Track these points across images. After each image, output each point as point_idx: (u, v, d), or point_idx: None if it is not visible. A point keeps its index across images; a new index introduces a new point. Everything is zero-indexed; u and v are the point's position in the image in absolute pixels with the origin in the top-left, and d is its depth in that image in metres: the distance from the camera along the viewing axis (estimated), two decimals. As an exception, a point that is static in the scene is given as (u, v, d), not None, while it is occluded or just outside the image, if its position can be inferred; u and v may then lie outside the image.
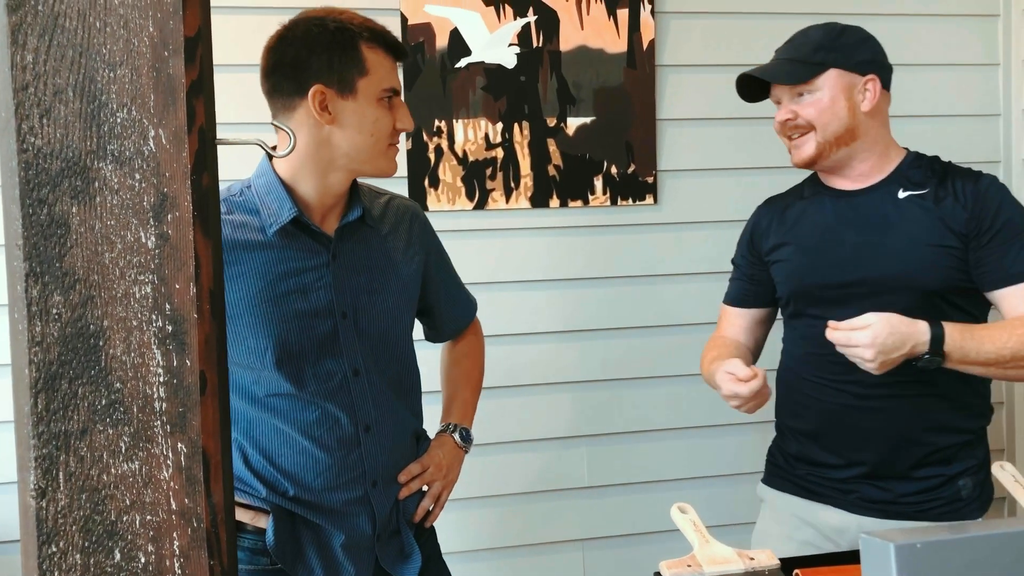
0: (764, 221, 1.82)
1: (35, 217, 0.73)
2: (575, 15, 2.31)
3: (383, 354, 1.52)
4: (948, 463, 1.66)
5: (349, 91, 1.41)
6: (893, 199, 1.66)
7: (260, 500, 1.47)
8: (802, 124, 1.67)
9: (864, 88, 1.66)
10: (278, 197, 1.44)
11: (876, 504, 1.67)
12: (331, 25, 1.42)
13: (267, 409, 1.46)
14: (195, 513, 0.76)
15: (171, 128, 0.74)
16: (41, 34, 0.72)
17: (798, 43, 1.71)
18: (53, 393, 0.74)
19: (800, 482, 1.75)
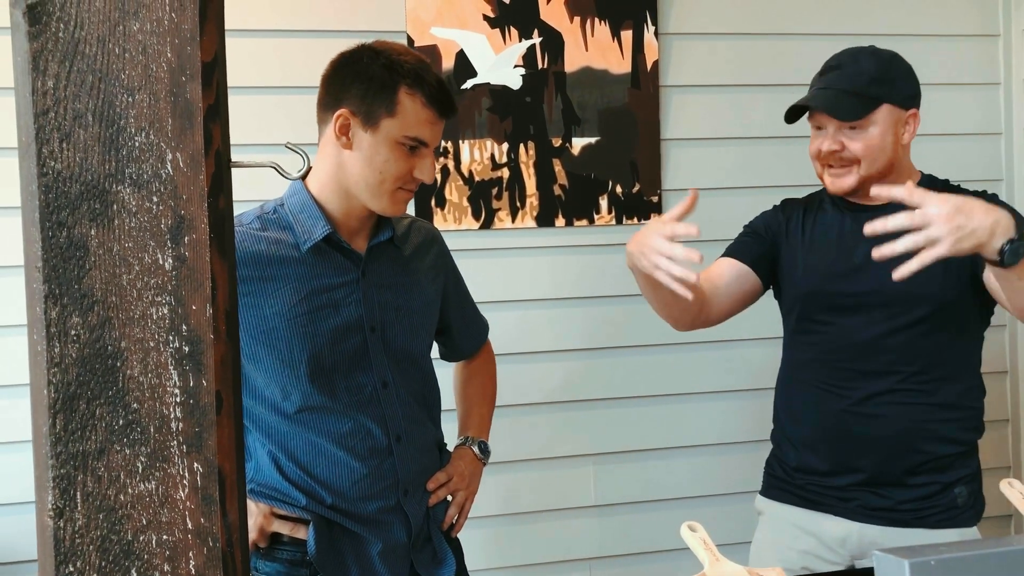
0: (782, 217, 1.81)
1: (54, 240, 0.74)
2: (579, 37, 2.33)
3: (408, 368, 1.58)
4: (944, 471, 1.69)
5: (372, 125, 1.46)
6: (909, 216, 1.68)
7: (300, 509, 1.51)
8: (847, 158, 1.67)
9: (907, 122, 1.68)
10: (312, 215, 1.50)
11: (876, 511, 1.69)
12: (382, 60, 1.46)
13: (299, 423, 1.51)
14: (211, 532, 0.77)
15: (188, 152, 0.75)
16: (62, 60, 0.73)
17: (851, 72, 1.69)
18: (71, 414, 0.74)
19: (800, 492, 1.76)
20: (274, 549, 1.52)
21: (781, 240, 1.79)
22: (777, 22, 2.46)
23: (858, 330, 1.66)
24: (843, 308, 1.69)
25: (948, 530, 1.68)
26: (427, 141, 1.49)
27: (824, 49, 2.47)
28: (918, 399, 1.66)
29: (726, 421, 2.48)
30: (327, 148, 1.50)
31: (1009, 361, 2.63)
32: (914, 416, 1.67)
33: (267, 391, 1.49)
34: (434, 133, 1.50)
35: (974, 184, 2.57)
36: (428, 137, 1.49)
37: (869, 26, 2.50)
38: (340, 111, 1.46)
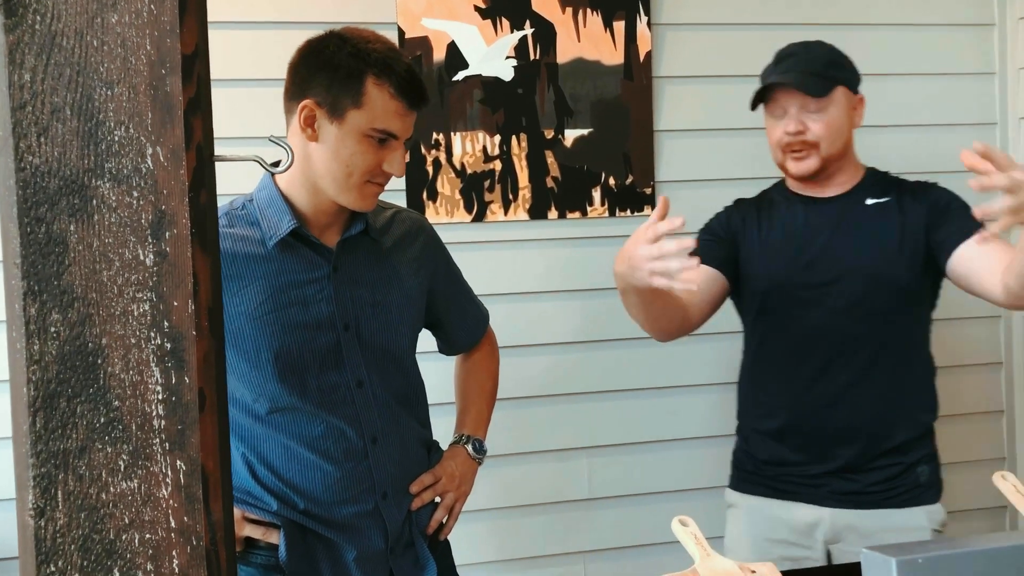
0: (737, 216, 1.87)
1: (33, 235, 0.73)
2: (572, 28, 2.32)
3: (387, 366, 1.52)
4: (907, 452, 1.77)
5: (338, 116, 1.40)
6: (861, 206, 1.78)
7: (271, 514, 1.47)
8: (810, 140, 1.73)
9: (855, 107, 1.78)
10: (278, 210, 1.45)
11: (846, 496, 1.76)
12: (348, 48, 1.40)
13: (271, 425, 1.47)
14: (194, 531, 0.76)
15: (169, 146, 0.74)
16: (39, 53, 0.72)
17: (806, 57, 1.76)
18: (52, 412, 0.73)
19: (770, 483, 1.82)
20: (248, 553, 1.47)
21: (740, 239, 1.84)
22: (770, 13, 2.45)
23: (821, 321, 1.70)
24: (805, 301, 1.74)
25: (914, 508, 1.77)
26: (396, 133, 1.42)
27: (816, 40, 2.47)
28: (883, 385, 1.73)
29: (719, 414, 2.47)
30: (293, 140, 1.44)
31: (1004, 353, 2.63)
32: (881, 402, 1.74)
33: (237, 393, 1.45)
34: (404, 125, 1.43)
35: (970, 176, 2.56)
36: (397, 129, 1.42)
37: (863, 16, 2.49)
38: (305, 102, 1.40)
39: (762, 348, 1.83)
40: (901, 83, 2.53)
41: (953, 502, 2.61)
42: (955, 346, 2.60)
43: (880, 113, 2.52)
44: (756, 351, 1.85)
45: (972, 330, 2.61)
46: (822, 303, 1.72)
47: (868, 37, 2.50)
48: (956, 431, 2.62)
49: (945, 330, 2.58)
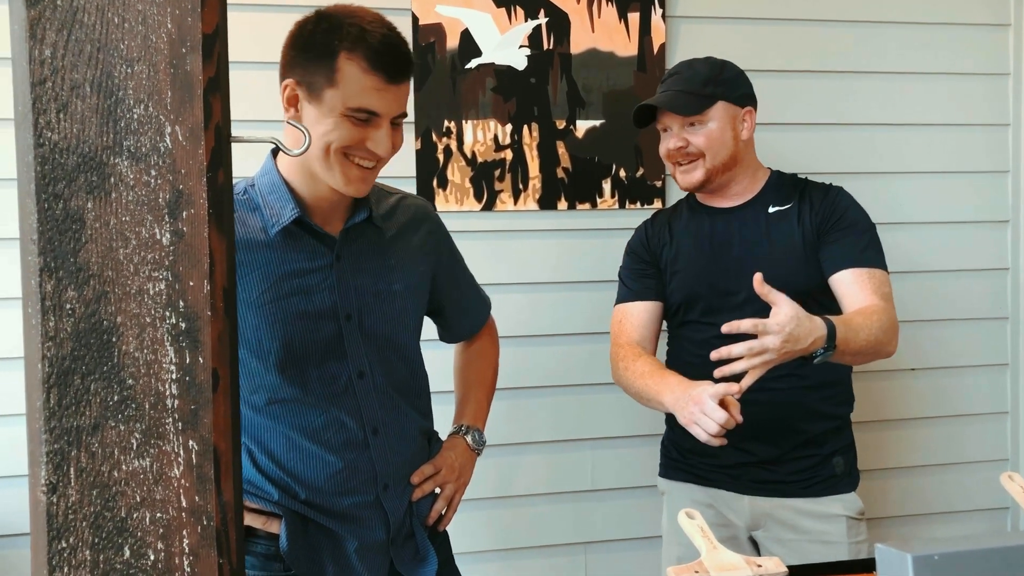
0: (655, 232, 1.98)
1: (50, 212, 0.73)
2: (586, 18, 2.31)
3: (389, 356, 1.49)
4: (822, 444, 1.85)
5: (315, 96, 1.34)
6: (764, 214, 1.88)
7: (272, 504, 1.45)
8: (693, 152, 1.85)
9: (743, 119, 1.86)
10: (280, 197, 1.41)
11: (765, 484, 1.85)
12: (323, 25, 1.34)
13: (270, 416, 1.44)
14: (205, 511, 0.76)
15: (188, 125, 0.74)
16: (60, 29, 0.72)
17: (687, 76, 1.87)
18: (65, 388, 0.73)
19: (694, 471, 1.92)
20: (249, 542, 1.45)
21: (659, 254, 1.94)
22: (785, 7, 2.43)
23: None
24: (717, 308, 1.84)
25: (830, 497, 1.84)
26: (377, 111, 1.34)
27: (831, 35, 2.46)
28: (795, 383, 1.79)
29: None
30: (286, 124, 1.40)
31: (1010, 354, 2.62)
32: (793, 399, 1.81)
33: None
34: (385, 101, 1.34)
35: (981, 174, 2.55)
36: (377, 106, 1.33)
37: (877, 13, 2.48)
38: (286, 81, 1.36)
39: (682, 350, 1.93)
40: (915, 82, 2.52)
41: (955, 503, 2.62)
42: (961, 347, 2.59)
43: (893, 112, 2.51)
44: (676, 354, 1.95)
45: (978, 331, 2.60)
46: (733, 310, 1.79)
47: (882, 34, 2.49)
48: (960, 432, 2.62)
49: (951, 331, 2.58)
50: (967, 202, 2.57)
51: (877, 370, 2.41)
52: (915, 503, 2.60)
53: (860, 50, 2.48)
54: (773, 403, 1.80)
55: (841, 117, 2.48)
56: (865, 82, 2.49)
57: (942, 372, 2.58)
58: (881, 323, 1.67)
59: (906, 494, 2.60)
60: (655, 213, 2.06)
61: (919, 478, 2.60)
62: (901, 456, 2.58)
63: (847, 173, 2.42)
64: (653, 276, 1.94)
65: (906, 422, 2.58)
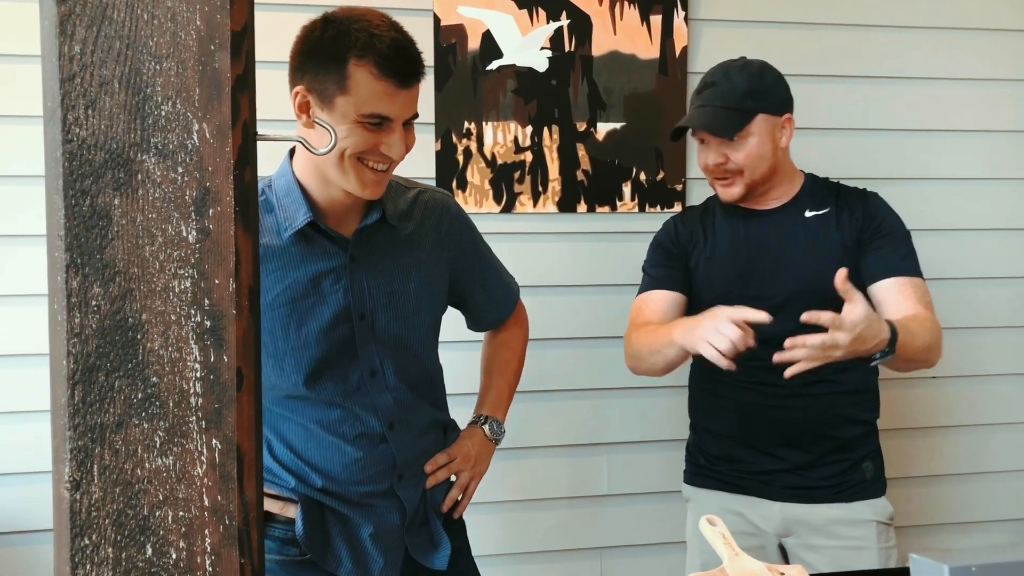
0: (685, 229, 1.92)
1: (77, 208, 0.73)
2: (608, 20, 2.30)
3: (402, 354, 1.50)
4: (853, 449, 1.83)
5: (327, 104, 1.34)
6: (801, 218, 1.84)
7: (289, 491, 1.48)
8: (732, 168, 1.80)
9: (783, 127, 1.81)
10: (294, 200, 1.42)
11: (796, 491, 1.82)
12: (331, 30, 1.33)
13: (288, 408, 1.47)
14: (227, 511, 0.76)
15: (215, 122, 0.74)
16: (89, 25, 0.72)
17: (724, 89, 1.80)
18: (90, 385, 0.73)
19: (723, 478, 1.88)
20: (266, 526, 1.47)
21: (688, 253, 1.90)
22: (808, 11, 2.42)
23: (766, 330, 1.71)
24: None
25: (860, 502, 1.82)
26: (390, 115, 1.34)
27: (855, 40, 2.44)
28: (827, 388, 1.78)
29: (743, 414, 2.45)
30: (298, 127, 1.40)
31: (1032, 363, 2.59)
32: (825, 404, 1.79)
33: None
34: (396, 105, 1.34)
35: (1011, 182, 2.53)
36: (389, 111, 1.33)
37: (901, 18, 2.46)
38: (297, 88, 1.35)
39: None
40: (943, 87, 2.50)
41: (974, 512, 2.59)
42: (987, 355, 2.57)
43: (920, 118, 2.49)
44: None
45: (1005, 339, 2.57)
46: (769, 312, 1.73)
47: (906, 39, 2.47)
48: (985, 441, 2.59)
49: (978, 339, 2.55)
50: (994, 208, 2.55)
51: (901, 378, 2.39)
52: (939, 512, 2.57)
53: (884, 55, 2.46)
54: (807, 409, 1.78)
55: (866, 122, 2.46)
56: (890, 87, 2.47)
57: (968, 380, 2.55)
58: (932, 332, 1.68)
59: (930, 503, 2.57)
60: (684, 210, 2.02)
61: (943, 487, 2.57)
62: (925, 464, 2.56)
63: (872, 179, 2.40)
64: (678, 269, 1.90)
65: (930, 430, 2.55)
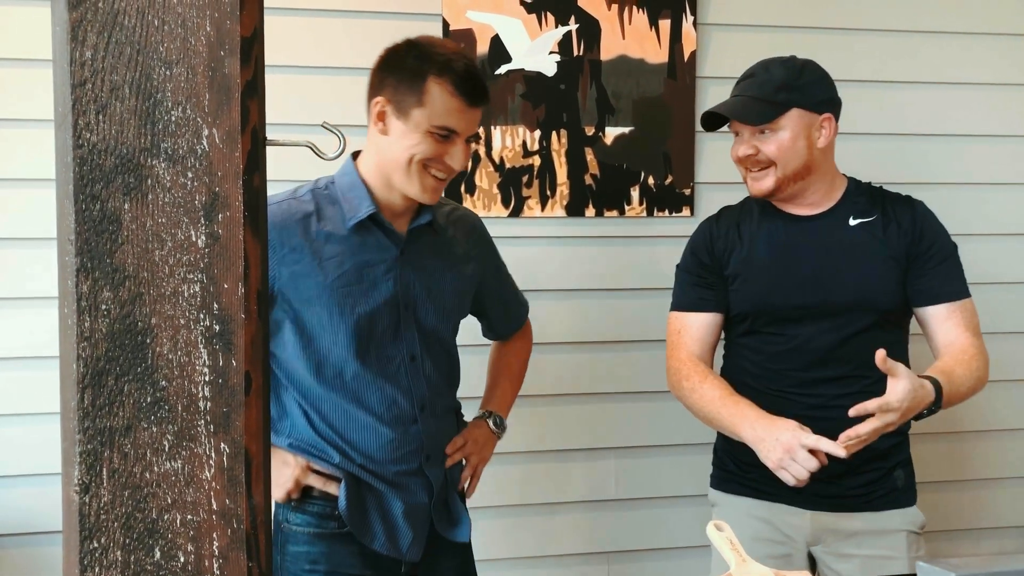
0: (720, 233, 1.89)
1: (88, 213, 0.73)
2: (617, 24, 2.30)
3: (434, 345, 1.67)
4: (885, 458, 1.80)
5: (403, 114, 1.54)
6: (845, 226, 1.80)
7: (332, 466, 1.61)
8: (763, 160, 1.77)
9: (821, 126, 1.77)
10: (359, 194, 1.59)
11: (827, 499, 1.79)
12: (415, 52, 1.54)
13: (331, 388, 1.60)
14: (235, 514, 0.76)
15: (225, 128, 0.74)
16: (100, 31, 0.72)
17: (761, 80, 1.79)
18: (99, 389, 0.74)
19: (753, 484, 1.85)
20: (304, 502, 1.61)
21: (724, 261, 1.86)
22: (817, 16, 2.41)
23: (807, 340, 1.74)
24: (791, 319, 1.78)
25: (892, 511, 1.80)
26: (457, 130, 1.54)
27: (863, 44, 2.44)
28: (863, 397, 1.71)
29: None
30: (371, 135, 1.59)
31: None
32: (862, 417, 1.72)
33: (305, 354, 1.58)
34: (464, 121, 1.54)
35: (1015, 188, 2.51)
36: (457, 125, 1.53)
37: (910, 23, 2.45)
38: (377, 99, 1.55)
39: (744, 361, 1.86)
40: (947, 92, 2.49)
41: (985, 519, 2.58)
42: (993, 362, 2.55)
43: (924, 122, 2.48)
44: (738, 364, 1.88)
45: (1010, 345, 2.56)
46: (807, 323, 1.76)
47: (914, 43, 2.47)
48: (991, 448, 2.58)
49: (1007, 345, 2.53)
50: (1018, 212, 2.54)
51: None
52: (966, 517, 2.56)
53: (892, 58, 2.46)
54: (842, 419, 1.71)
55: (875, 127, 2.46)
56: (898, 91, 2.46)
57: (997, 386, 2.53)
58: (979, 369, 1.70)
59: (957, 508, 2.55)
60: (720, 210, 1.95)
61: (970, 492, 2.56)
62: (951, 470, 2.54)
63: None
64: (714, 286, 1.86)
65: (958, 435, 2.53)
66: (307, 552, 1.61)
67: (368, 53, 1.59)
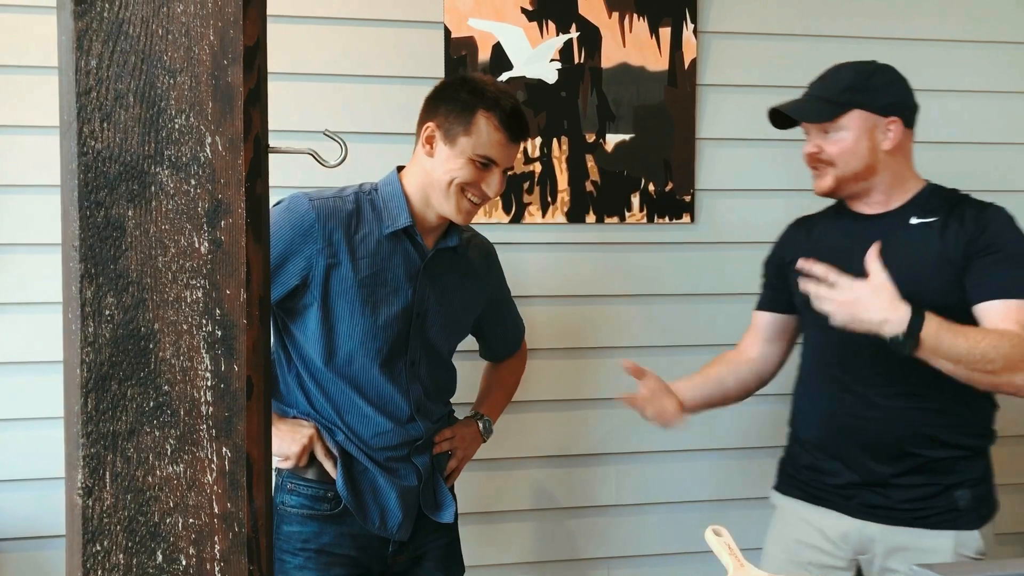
0: (791, 234, 1.95)
1: (92, 219, 0.74)
2: (617, 32, 2.31)
3: (435, 357, 1.80)
4: (946, 474, 1.73)
5: (451, 139, 1.67)
6: (904, 225, 1.78)
7: (334, 443, 1.72)
8: (824, 159, 1.79)
9: (887, 129, 1.76)
10: (399, 205, 1.72)
11: (875, 509, 1.76)
12: (468, 87, 1.69)
13: (338, 375, 1.71)
14: (237, 518, 0.77)
15: (227, 136, 0.75)
16: (105, 40, 0.73)
17: (829, 81, 1.81)
18: (103, 393, 0.74)
19: (806, 488, 1.85)
20: (299, 485, 1.73)
21: (788, 260, 1.87)
22: (817, 24, 2.42)
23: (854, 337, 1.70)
24: None
25: (947, 531, 1.72)
26: (497, 160, 1.68)
27: (865, 53, 2.43)
28: (911, 403, 1.72)
29: (749, 426, 2.45)
30: (418, 155, 1.73)
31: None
32: (906, 420, 1.73)
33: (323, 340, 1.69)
34: (504, 154, 1.68)
35: None
36: (498, 157, 1.68)
37: (911, 31, 2.46)
38: (428, 124, 1.69)
39: (806, 358, 1.89)
40: (955, 100, 2.50)
41: (1002, 525, 2.57)
42: None
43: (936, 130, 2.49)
44: (803, 361, 1.91)
45: None
46: None
47: (911, 52, 2.48)
48: (1009, 453, 2.57)
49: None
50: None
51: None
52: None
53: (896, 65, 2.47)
54: (886, 421, 1.73)
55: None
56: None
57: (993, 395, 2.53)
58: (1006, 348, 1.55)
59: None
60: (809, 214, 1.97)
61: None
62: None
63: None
64: (779, 288, 1.92)
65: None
66: (299, 532, 1.73)
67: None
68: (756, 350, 1.96)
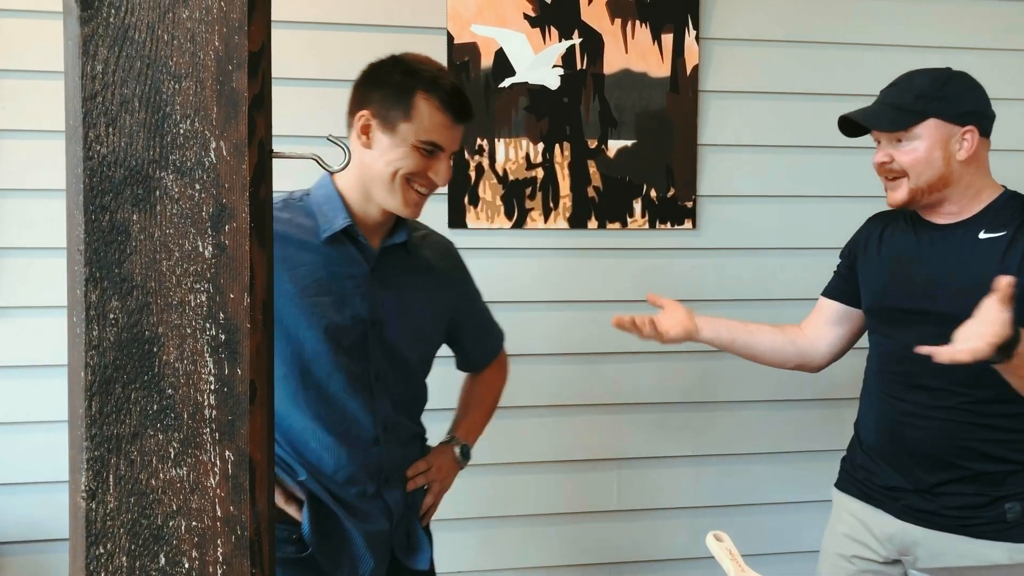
0: (868, 229, 1.91)
1: (97, 223, 0.75)
2: (620, 39, 2.32)
3: (400, 367, 1.63)
4: (997, 485, 1.71)
5: (390, 127, 1.52)
6: (973, 239, 1.73)
7: (297, 482, 1.57)
8: (897, 169, 1.73)
9: (962, 138, 1.70)
10: (334, 207, 1.56)
11: (921, 514, 1.76)
12: (402, 67, 1.54)
13: (295, 404, 1.56)
14: (239, 521, 0.77)
15: (232, 140, 0.76)
16: (111, 45, 0.74)
17: (902, 88, 1.75)
18: (107, 397, 0.75)
19: (860, 486, 1.86)
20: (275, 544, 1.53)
21: (859, 257, 1.87)
22: (818, 31, 2.43)
23: (911, 344, 1.68)
24: (898, 322, 1.76)
25: (994, 542, 1.69)
26: (442, 145, 1.53)
27: (865, 59, 2.45)
28: (962, 417, 1.70)
29: (751, 431, 2.46)
30: (352, 148, 1.57)
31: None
32: (955, 432, 1.71)
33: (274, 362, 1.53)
34: (449, 137, 1.54)
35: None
36: (443, 141, 1.53)
37: (913, 37, 2.47)
38: (362, 112, 1.53)
39: (869, 362, 1.89)
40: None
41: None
42: None
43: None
44: (867, 364, 1.91)
45: None
46: (913, 327, 1.72)
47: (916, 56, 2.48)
48: None
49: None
50: None
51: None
52: None
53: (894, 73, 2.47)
54: (932, 431, 1.72)
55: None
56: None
57: None
58: None
59: None
60: (875, 214, 1.93)
61: None
62: None
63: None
64: (848, 279, 1.90)
65: None
66: None
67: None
68: (811, 328, 1.95)
